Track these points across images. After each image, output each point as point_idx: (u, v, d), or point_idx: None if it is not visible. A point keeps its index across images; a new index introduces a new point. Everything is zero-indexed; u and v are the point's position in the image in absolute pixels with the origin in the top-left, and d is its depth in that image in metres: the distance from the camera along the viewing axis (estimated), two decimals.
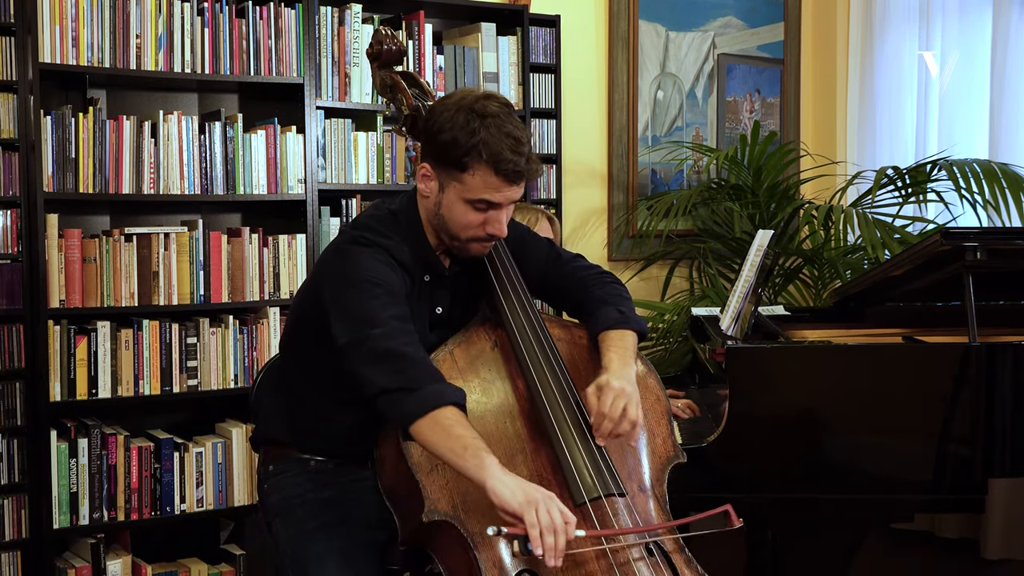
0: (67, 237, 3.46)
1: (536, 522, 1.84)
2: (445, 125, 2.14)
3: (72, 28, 3.46)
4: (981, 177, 4.08)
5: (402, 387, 2.00)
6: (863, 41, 5.02)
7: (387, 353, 2.03)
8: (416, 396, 1.99)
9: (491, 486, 1.89)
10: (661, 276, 4.83)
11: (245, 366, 3.75)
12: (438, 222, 2.22)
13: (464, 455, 1.93)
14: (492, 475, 1.90)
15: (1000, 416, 2.62)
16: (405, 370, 2.02)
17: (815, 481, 2.65)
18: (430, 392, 1.99)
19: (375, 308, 2.09)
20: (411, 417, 1.98)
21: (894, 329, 3.22)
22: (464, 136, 2.12)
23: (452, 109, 2.15)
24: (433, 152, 2.18)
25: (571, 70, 4.67)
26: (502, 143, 2.11)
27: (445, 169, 2.17)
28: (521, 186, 2.18)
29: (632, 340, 2.28)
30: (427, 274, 2.27)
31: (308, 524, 2.27)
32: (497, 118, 2.13)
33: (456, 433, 1.95)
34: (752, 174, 4.57)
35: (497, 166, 2.12)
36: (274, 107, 3.89)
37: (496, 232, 2.19)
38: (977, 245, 2.66)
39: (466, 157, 2.12)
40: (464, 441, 1.94)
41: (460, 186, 2.15)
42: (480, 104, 2.15)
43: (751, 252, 3.06)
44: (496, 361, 2.22)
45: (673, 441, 2.26)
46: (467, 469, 1.92)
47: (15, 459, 3.46)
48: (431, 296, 2.29)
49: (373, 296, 2.10)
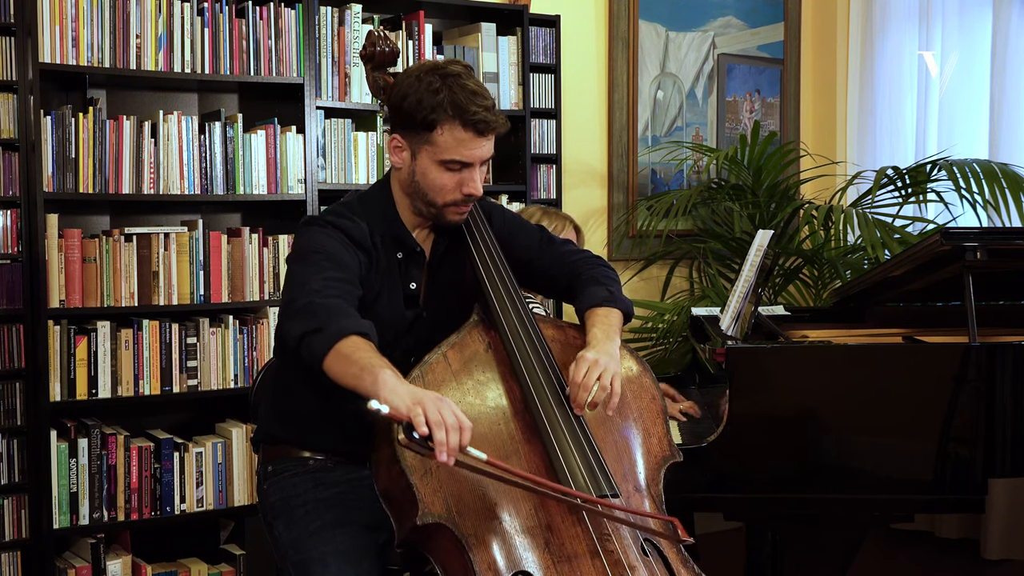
0: (67, 237, 3.46)
1: (422, 418, 1.83)
2: (409, 90, 2.20)
3: (72, 28, 3.46)
4: (981, 177, 4.08)
5: (312, 329, 2.02)
6: (863, 41, 5.02)
7: (307, 306, 2.07)
8: (323, 334, 2.00)
9: (383, 396, 1.87)
10: (661, 276, 4.83)
11: (245, 366, 3.76)
12: (413, 191, 2.27)
13: (361, 375, 1.93)
14: (385, 386, 1.89)
15: (1000, 416, 2.62)
16: (317, 314, 2.04)
17: (815, 481, 2.65)
18: (334, 327, 2.01)
19: (310, 273, 2.14)
20: (320, 355, 1.99)
21: (894, 329, 3.22)
22: (428, 96, 2.18)
23: (414, 75, 2.22)
24: (401, 120, 2.24)
25: (571, 70, 4.67)
26: (466, 97, 2.17)
27: (414, 133, 2.22)
28: (490, 140, 2.23)
29: (617, 318, 2.32)
30: (399, 251, 2.32)
31: (310, 525, 2.27)
32: (459, 77, 2.20)
33: (355, 358, 1.96)
34: (752, 174, 4.57)
35: (464, 118, 2.17)
36: (274, 107, 3.89)
37: (472, 191, 2.24)
38: (977, 245, 2.66)
39: (432, 115, 2.18)
40: (361, 363, 1.94)
41: (431, 148, 2.21)
42: (440, 66, 2.22)
43: (751, 252, 3.06)
44: (490, 363, 2.22)
45: (669, 440, 2.25)
46: (365, 388, 1.91)
47: (15, 459, 3.46)
48: (405, 272, 2.33)
49: (312, 263, 2.16)
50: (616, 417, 2.23)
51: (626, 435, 2.22)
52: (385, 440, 2.12)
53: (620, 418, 2.23)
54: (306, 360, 2.03)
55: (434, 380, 2.15)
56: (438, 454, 1.83)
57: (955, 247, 2.68)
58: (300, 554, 2.25)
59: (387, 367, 1.94)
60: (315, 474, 2.34)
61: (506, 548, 2.01)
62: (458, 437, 1.85)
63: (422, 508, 2.01)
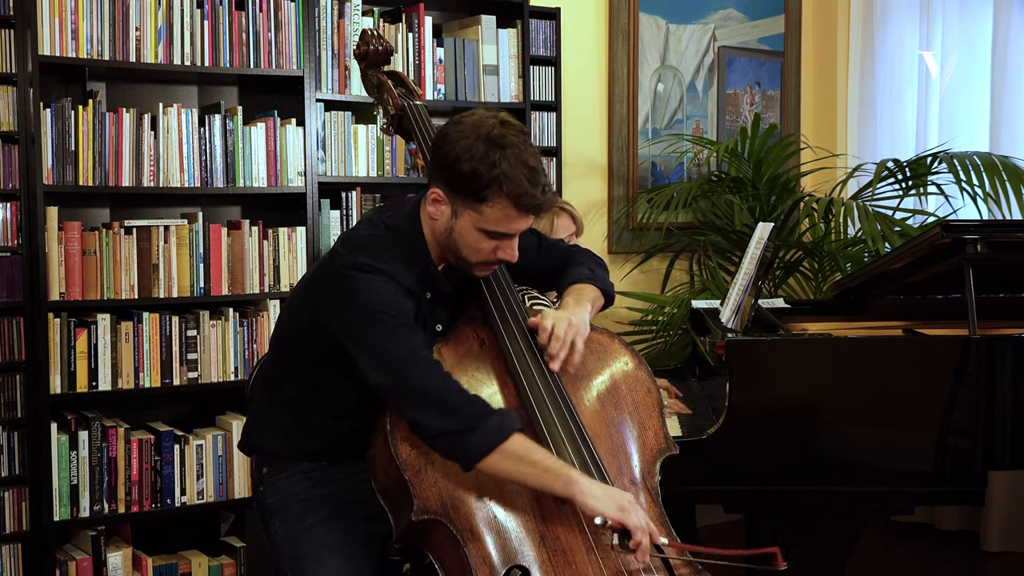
0: (67, 230, 3.46)
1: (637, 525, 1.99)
2: (463, 155, 2.08)
3: (71, 21, 3.45)
4: (981, 170, 4.08)
5: (462, 428, 2.03)
6: (864, 34, 5.01)
7: (429, 393, 2.06)
8: (479, 434, 2.02)
9: (582, 501, 2.00)
10: (661, 269, 4.83)
11: (245, 359, 3.76)
12: (446, 244, 2.19)
13: (547, 478, 2.02)
14: (581, 489, 2.00)
15: (1000, 409, 2.63)
16: (459, 409, 2.05)
17: (815, 473, 2.65)
18: (492, 427, 2.03)
19: (400, 344, 2.08)
20: (479, 455, 2.03)
21: (894, 322, 3.23)
22: (485, 168, 2.06)
23: (470, 137, 2.09)
24: (449, 180, 2.12)
25: (571, 63, 4.67)
26: (522, 176, 2.07)
27: (462, 198, 2.12)
28: (534, 217, 2.17)
29: (592, 292, 2.33)
30: (429, 291, 2.24)
31: (304, 522, 2.27)
32: (516, 148, 2.08)
33: (534, 459, 2.03)
34: (752, 167, 4.57)
35: (518, 200, 2.08)
36: (274, 99, 3.88)
37: (508, 258, 2.18)
38: (977, 238, 2.66)
39: (487, 190, 2.07)
40: (544, 464, 2.03)
41: (476, 216, 2.11)
42: (498, 133, 2.09)
43: (751, 245, 3.06)
44: (484, 360, 2.22)
45: (665, 433, 2.25)
46: (555, 490, 2.03)
47: (15, 451, 3.47)
48: (432, 314, 2.26)
49: (392, 330, 2.09)
50: (611, 411, 2.23)
51: (621, 429, 2.23)
52: (381, 438, 2.13)
53: (615, 412, 2.24)
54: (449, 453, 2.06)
55: None
56: (640, 558, 2.00)
57: (955, 240, 2.68)
58: (294, 550, 2.25)
59: (570, 467, 2.05)
60: (311, 474, 2.33)
61: (501, 542, 2.03)
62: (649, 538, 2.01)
63: (417, 504, 2.02)
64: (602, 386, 2.26)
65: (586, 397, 2.23)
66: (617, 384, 2.26)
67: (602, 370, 2.28)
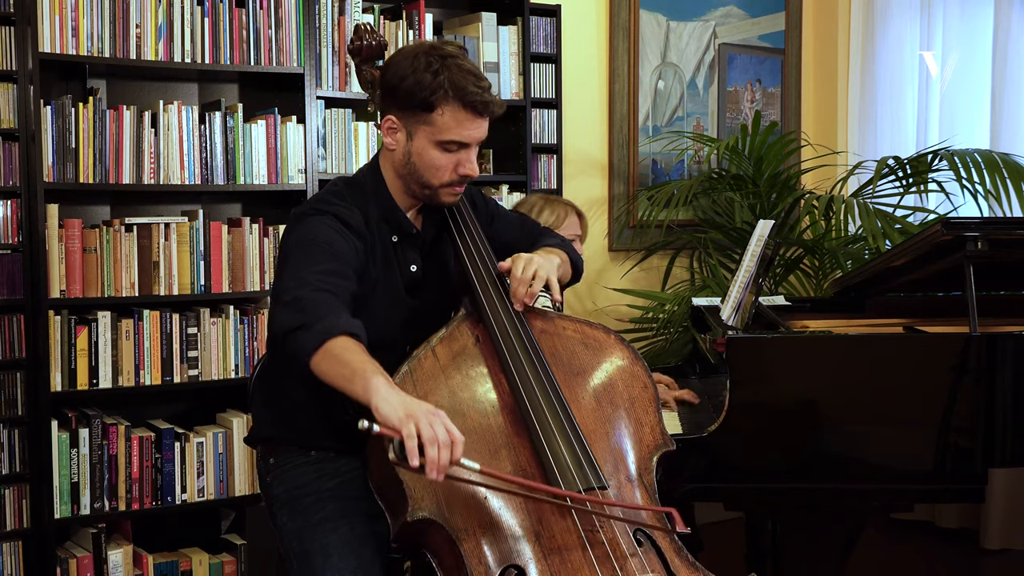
0: (67, 227, 3.46)
1: (413, 434, 1.81)
2: (406, 71, 2.20)
3: (72, 18, 3.45)
4: (982, 167, 4.08)
5: (299, 325, 1.99)
6: (864, 31, 5.01)
7: (296, 300, 2.04)
8: (311, 331, 1.98)
9: (375, 404, 1.85)
10: (662, 266, 4.83)
11: (246, 356, 3.76)
12: (408, 172, 2.27)
13: (352, 378, 1.91)
14: (377, 393, 1.86)
15: (1000, 406, 2.62)
16: (305, 309, 2.02)
17: (815, 471, 2.65)
18: (323, 325, 1.98)
19: (304, 264, 2.11)
20: (308, 352, 1.97)
21: (895, 319, 3.22)
22: (428, 77, 2.18)
23: (410, 56, 2.22)
24: (397, 101, 2.24)
25: (572, 60, 4.67)
26: (466, 78, 2.19)
27: (412, 114, 2.22)
28: (486, 121, 2.25)
29: (563, 255, 2.44)
30: (395, 234, 2.32)
31: (312, 517, 2.28)
32: (455, 57, 2.22)
33: (345, 359, 1.93)
34: (753, 164, 4.56)
35: (464, 99, 2.19)
36: (274, 97, 3.88)
37: (468, 172, 2.26)
38: (978, 235, 2.66)
39: (433, 96, 2.18)
40: (352, 365, 1.92)
41: (429, 128, 2.22)
42: (437, 47, 2.23)
43: (752, 242, 3.06)
44: (479, 357, 2.21)
45: (662, 429, 2.24)
46: (356, 393, 1.90)
47: (16, 449, 3.47)
48: (403, 255, 2.33)
49: (307, 253, 2.14)
50: (607, 407, 2.23)
51: (617, 425, 2.22)
52: (376, 439, 2.12)
53: (611, 408, 2.23)
54: (292, 355, 2.01)
55: (423, 376, 2.14)
56: (428, 472, 1.83)
57: (956, 237, 2.67)
58: (303, 545, 2.26)
59: (379, 372, 1.91)
60: (317, 464, 2.34)
61: (497, 542, 2.02)
62: (449, 454, 1.83)
63: (412, 504, 2.01)
64: (597, 381, 2.26)
65: (581, 392, 2.23)
66: (613, 380, 2.26)
67: (598, 366, 2.27)
